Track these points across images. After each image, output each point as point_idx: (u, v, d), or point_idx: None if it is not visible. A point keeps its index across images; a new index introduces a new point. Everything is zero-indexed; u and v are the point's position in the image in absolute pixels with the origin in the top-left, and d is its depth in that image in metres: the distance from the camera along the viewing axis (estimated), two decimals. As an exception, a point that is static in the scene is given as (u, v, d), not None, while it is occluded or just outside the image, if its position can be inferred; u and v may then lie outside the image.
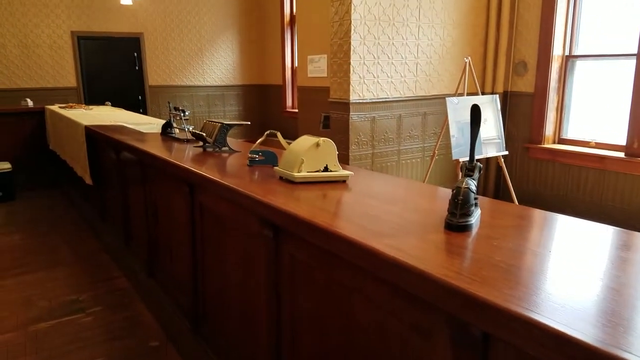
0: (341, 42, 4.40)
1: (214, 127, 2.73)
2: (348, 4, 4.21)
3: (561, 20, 4.60)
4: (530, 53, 4.85)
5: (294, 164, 1.83)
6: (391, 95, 4.66)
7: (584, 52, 4.69)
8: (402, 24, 4.53)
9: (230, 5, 8.85)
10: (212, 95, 8.99)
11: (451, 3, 4.77)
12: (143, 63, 8.13)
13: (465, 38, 4.99)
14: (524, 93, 4.97)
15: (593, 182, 4.51)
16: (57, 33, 7.33)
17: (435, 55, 4.83)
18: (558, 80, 4.75)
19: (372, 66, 4.46)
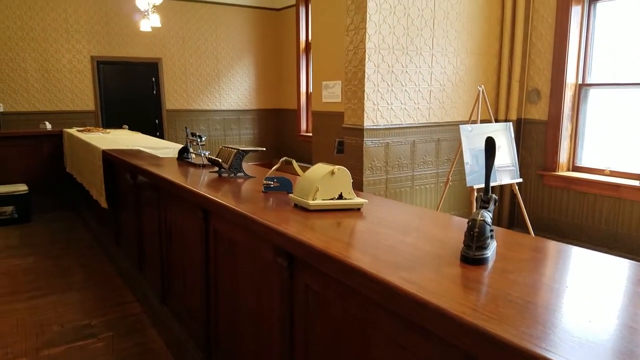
0: (355, 70, 4.46)
1: (230, 153, 2.77)
2: (362, 33, 4.29)
3: (574, 49, 4.63)
4: (543, 81, 4.87)
5: (309, 192, 1.85)
6: (405, 121, 4.68)
7: (598, 81, 4.69)
8: (416, 53, 4.59)
9: (247, 32, 9.07)
10: (228, 119, 9.13)
11: (464, 32, 4.83)
12: (161, 87, 8.32)
13: (479, 66, 5.02)
14: (538, 121, 4.96)
15: (608, 210, 4.45)
16: (77, 58, 7.55)
17: (448, 83, 4.87)
18: (572, 108, 4.74)
19: (386, 93, 4.51)
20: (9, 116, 7.17)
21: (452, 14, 4.71)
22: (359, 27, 4.34)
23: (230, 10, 8.81)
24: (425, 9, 4.54)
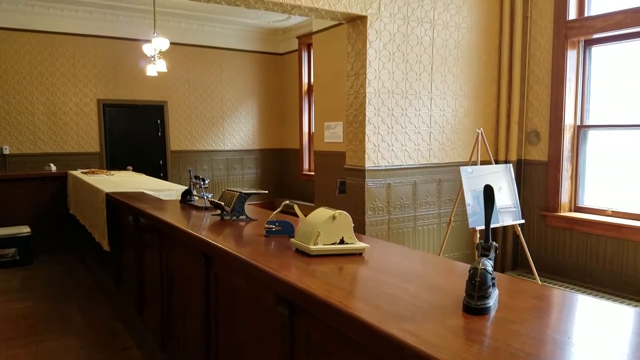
0: (356, 113, 4.55)
1: (233, 196, 2.79)
2: (362, 79, 4.40)
3: (571, 92, 4.72)
4: (542, 123, 4.94)
5: (310, 237, 1.86)
6: (406, 162, 4.73)
7: (596, 122, 4.76)
8: (415, 96, 4.69)
9: (251, 75, 9.29)
10: (232, 159, 9.22)
11: (462, 76, 4.95)
12: (166, 129, 8.45)
13: (478, 108, 5.12)
14: (538, 161, 5.00)
15: (612, 251, 4.41)
16: (84, 101, 7.72)
17: (447, 125, 4.94)
18: (571, 149, 4.79)
19: (387, 135, 4.58)
20: (14, 158, 7.26)
21: (450, 59, 4.84)
22: (359, 72, 4.46)
23: (236, 55, 9.07)
24: (424, 55, 4.67)
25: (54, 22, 7.40)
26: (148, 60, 6.44)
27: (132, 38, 7.79)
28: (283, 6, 3.98)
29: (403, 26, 4.51)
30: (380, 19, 4.36)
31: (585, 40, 4.64)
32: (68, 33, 7.50)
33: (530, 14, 4.94)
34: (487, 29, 5.05)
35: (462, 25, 4.86)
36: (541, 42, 4.87)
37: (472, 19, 4.92)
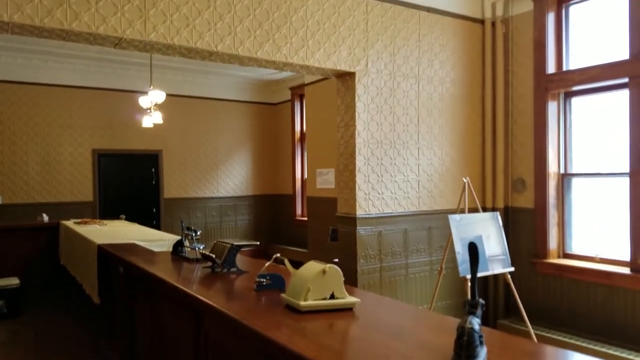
0: (347, 162, 4.66)
1: (224, 248, 2.84)
2: (352, 130, 4.54)
3: (554, 140, 4.88)
4: (527, 171, 5.08)
5: (301, 292, 1.89)
6: (396, 210, 4.81)
7: (579, 170, 4.90)
8: (403, 146, 4.83)
9: (245, 124, 9.51)
10: (225, 206, 9.27)
11: (447, 127, 5.12)
12: (160, 177, 8.53)
13: (464, 157, 5.26)
14: (525, 209, 5.10)
15: (602, 298, 4.44)
16: (79, 151, 7.82)
17: (435, 173, 5.06)
18: (556, 196, 4.91)
19: (377, 183, 4.68)
20: (7, 208, 7.26)
21: (435, 111, 5.03)
22: (349, 124, 4.61)
23: (231, 105, 9.31)
24: (410, 107, 4.85)
25: (52, 74, 7.60)
26: (144, 112, 6.60)
27: (129, 90, 8.00)
28: (275, 64, 4.16)
29: (390, 81, 4.71)
30: (367, 74, 4.56)
31: (565, 92, 4.85)
32: (66, 85, 7.70)
33: (512, 68, 5.18)
34: (470, 82, 5.28)
35: (446, 80, 5.08)
36: (523, 94, 5.08)
37: (456, 73, 5.15)
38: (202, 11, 3.57)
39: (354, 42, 4.45)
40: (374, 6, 4.54)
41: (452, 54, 5.11)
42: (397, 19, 4.71)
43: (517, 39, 5.11)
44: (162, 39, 3.41)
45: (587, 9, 4.76)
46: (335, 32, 4.33)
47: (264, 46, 3.95)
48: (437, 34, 4.98)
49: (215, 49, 3.65)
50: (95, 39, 3.28)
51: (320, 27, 4.24)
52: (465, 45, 5.21)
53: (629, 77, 4.18)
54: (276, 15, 3.99)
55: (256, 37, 3.90)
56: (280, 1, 3.99)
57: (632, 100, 4.16)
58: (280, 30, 4.01)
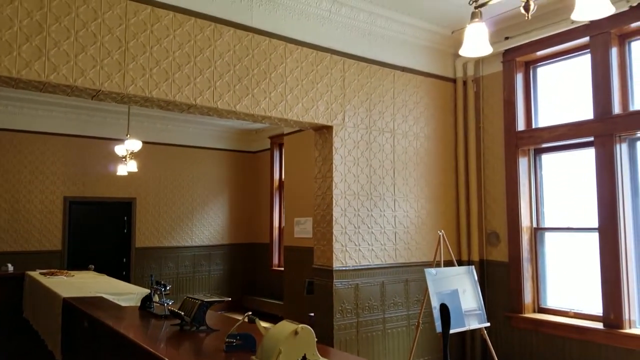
0: (324, 214, 4.66)
1: (194, 304, 2.75)
2: (329, 181, 4.58)
3: (525, 196, 5.00)
4: (500, 224, 5.16)
5: (271, 355, 1.84)
6: (373, 262, 4.79)
7: (551, 225, 5.00)
8: (380, 198, 4.88)
9: (223, 172, 9.49)
10: (199, 255, 9.07)
11: (423, 180, 5.21)
12: (132, 226, 8.35)
13: (439, 210, 5.33)
14: (500, 262, 5.14)
15: (578, 353, 4.42)
16: (50, 198, 7.63)
17: (412, 225, 5.10)
18: (530, 250, 4.97)
19: (354, 235, 4.68)
20: (-30, 257, 6.95)
21: (410, 164, 5.13)
22: (326, 176, 4.65)
23: (209, 153, 9.31)
24: (386, 161, 4.94)
25: (27, 121, 7.53)
26: (119, 160, 6.54)
27: (105, 137, 7.95)
28: (254, 117, 4.23)
29: (366, 135, 4.82)
30: (344, 128, 4.66)
31: (535, 149, 5.02)
32: (41, 132, 7.61)
33: (483, 125, 5.36)
34: (444, 138, 5.43)
35: (420, 135, 5.22)
36: (494, 150, 5.24)
37: (429, 129, 5.30)
38: (182, 66, 3.64)
39: (331, 97, 4.57)
40: (350, 65, 4.71)
41: (426, 110, 5.28)
42: (373, 77, 4.88)
43: (488, 98, 5.32)
44: (140, 92, 3.44)
45: (553, 70, 5.02)
46: (313, 87, 4.45)
47: (243, 100, 4.02)
48: (411, 92, 5.17)
49: (194, 102, 3.70)
50: (73, 91, 3.30)
51: (299, 83, 4.35)
52: (438, 103, 5.40)
53: (594, 136, 4.36)
54: (256, 72, 4.09)
55: (235, 92, 3.97)
56: (260, 58, 4.11)
57: (598, 159, 4.33)
58: (259, 85, 4.10)
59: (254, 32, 4.09)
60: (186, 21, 3.68)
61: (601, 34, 4.26)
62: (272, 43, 4.18)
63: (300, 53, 4.37)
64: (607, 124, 4.26)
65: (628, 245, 4.22)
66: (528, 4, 1.94)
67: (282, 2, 4.23)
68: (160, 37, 3.55)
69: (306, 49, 4.40)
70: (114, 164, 7.35)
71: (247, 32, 4.05)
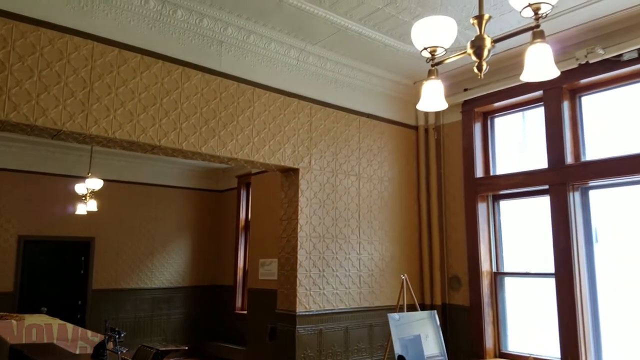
0: (288, 256, 4.64)
1: (148, 354, 2.66)
2: (295, 223, 4.59)
3: (485, 240, 5.12)
4: (461, 269, 5.24)
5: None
6: (337, 306, 4.75)
7: (510, 269, 5.12)
8: (345, 241, 4.90)
9: (187, 211, 9.30)
10: (158, 298, 8.74)
11: (387, 223, 5.28)
12: (90, 266, 8.03)
13: (402, 254, 5.38)
14: (461, 306, 5.19)
15: (540, 400, 4.45)
16: (3, 237, 7.29)
17: (376, 268, 5.12)
18: (490, 295, 5.05)
19: (318, 278, 4.65)
20: None
21: (375, 207, 5.20)
22: (292, 217, 4.66)
23: (173, 191, 9.14)
24: (351, 203, 5.00)
25: (-17, 157, 7.26)
26: (79, 199, 6.37)
27: (65, 174, 7.71)
28: (220, 158, 4.24)
29: (332, 178, 4.88)
30: (311, 171, 4.71)
31: (493, 195, 5.19)
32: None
33: (444, 171, 5.53)
34: (407, 182, 5.56)
35: (384, 178, 5.33)
36: (454, 195, 5.39)
37: (393, 173, 5.43)
38: (147, 107, 3.65)
39: (298, 140, 4.64)
40: (317, 110, 4.83)
41: (390, 155, 5.42)
42: (339, 122, 5.01)
43: (448, 145, 5.52)
44: (103, 133, 3.41)
45: (509, 120, 5.27)
46: (280, 131, 4.51)
47: (209, 142, 4.03)
48: (375, 137, 5.31)
49: (158, 143, 3.68)
50: (33, 130, 3.24)
51: (266, 127, 4.41)
52: (402, 148, 5.56)
53: (549, 185, 4.56)
54: (223, 114, 4.13)
55: (202, 133, 3.99)
56: (228, 101, 4.16)
57: (553, 206, 4.51)
58: (226, 127, 4.14)
59: (223, 77, 4.16)
60: (154, 64, 3.71)
61: (554, 89, 4.53)
62: (240, 87, 4.26)
63: (268, 97, 4.45)
64: (561, 173, 4.47)
65: (583, 290, 4.34)
66: (480, 64, 2.06)
67: (251, 49, 4.34)
68: (127, 78, 3.56)
69: (274, 93, 4.50)
70: (73, 202, 7.12)
71: (216, 76, 4.12)
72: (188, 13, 3.89)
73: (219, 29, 4.09)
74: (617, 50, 4.04)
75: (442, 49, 2.24)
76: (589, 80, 4.39)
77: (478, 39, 2.04)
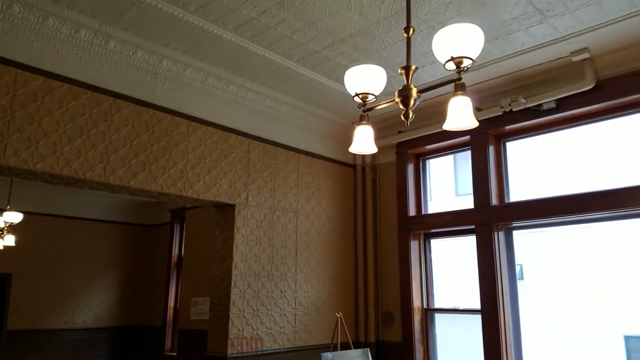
0: (221, 296, 4.49)
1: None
2: (229, 262, 4.47)
3: (416, 277, 5.22)
4: (395, 305, 5.29)
5: None
6: (271, 347, 4.62)
7: (440, 305, 5.24)
8: (281, 279, 4.82)
9: (114, 247, 8.81)
10: (79, 339, 8.12)
11: (324, 260, 5.27)
12: (5, 305, 7.34)
13: (339, 290, 5.37)
14: (394, 343, 5.21)
15: None
16: None
17: (312, 306, 5.06)
18: (421, 330, 5.12)
19: (252, 318, 4.52)
20: None
21: (312, 244, 5.19)
22: (226, 255, 4.53)
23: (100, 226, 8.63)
24: (289, 240, 4.96)
25: None
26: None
27: (-19, 205, 7.13)
28: (150, 193, 4.08)
29: (270, 214, 4.84)
30: (248, 207, 4.65)
31: (424, 233, 5.35)
32: None
33: (379, 209, 5.64)
34: (345, 220, 5.61)
35: (322, 215, 5.35)
36: (389, 233, 5.49)
37: (331, 210, 5.47)
38: (73, 139, 3.47)
39: (235, 176, 4.58)
40: (256, 146, 4.81)
41: (328, 193, 5.47)
42: (278, 159, 5.01)
43: (384, 184, 5.66)
44: (23, 165, 3.20)
45: (440, 162, 5.52)
46: (216, 166, 4.44)
47: (138, 176, 3.88)
48: (314, 175, 5.35)
49: (82, 177, 3.50)
50: (-60, 160, 2.98)
51: (202, 161, 4.32)
52: (340, 186, 5.63)
53: (475, 225, 4.77)
54: (155, 147, 4.01)
55: (130, 167, 3.84)
56: (160, 135, 4.05)
57: (479, 245, 4.71)
58: (158, 161, 4.01)
59: (156, 109, 4.06)
60: (82, 94, 3.57)
61: (480, 134, 4.79)
62: (175, 120, 4.17)
63: (204, 132, 4.38)
64: (486, 214, 4.69)
65: (507, 325, 4.51)
66: (407, 113, 2.15)
67: (187, 82, 4.28)
68: (52, 108, 3.39)
69: (211, 128, 4.44)
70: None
71: (149, 108, 4.02)
72: (121, 44, 3.79)
73: (154, 61, 4.02)
74: (537, 100, 4.36)
75: (373, 96, 2.33)
76: (513, 127, 4.69)
77: (405, 89, 2.13)
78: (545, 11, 3.52)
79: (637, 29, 3.73)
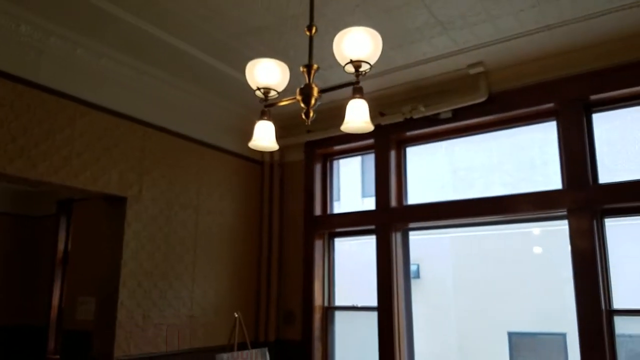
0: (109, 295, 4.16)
1: None
2: (118, 260, 4.15)
3: (319, 276, 5.26)
4: (296, 304, 5.28)
5: None
6: (162, 349, 4.37)
7: (340, 304, 5.32)
8: (177, 278, 4.58)
9: (-11, 239, 7.87)
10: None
11: (226, 257, 5.10)
12: None
13: (241, 289, 5.23)
14: (294, 341, 5.20)
15: None
16: None
17: (210, 306, 4.87)
18: (321, 329, 5.16)
19: (142, 320, 4.25)
20: None
21: (215, 241, 4.98)
22: (115, 251, 4.20)
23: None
24: (188, 237, 4.72)
25: None
26: None
27: None
28: (28, 181, 3.67)
29: (166, 209, 4.56)
30: (141, 201, 4.34)
31: (329, 233, 5.39)
32: None
33: (286, 207, 5.58)
34: (250, 216, 5.47)
35: (226, 211, 5.17)
36: (295, 232, 5.46)
37: (235, 207, 5.29)
38: None
39: (127, 166, 4.25)
40: (152, 134, 4.49)
41: (233, 188, 5.29)
42: (178, 149, 4.74)
43: (291, 182, 5.61)
44: None
45: (349, 164, 5.60)
46: (106, 154, 4.08)
47: (15, 162, 3.46)
48: (218, 169, 5.14)
49: (-57, 161, 3.03)
50: None
51: (89, 148, 3.95)
52: (245, 183, 5.47)
53: (376, 225, 4.90)
54: (36, 131, 3.60)
55: (7, 151, 3.42)
56: (43, 117, 3.64)
57: (378, 245, 4.85)
58: (38, 146, 3.60)
59: (40, 89, 3.64)
60: (-53, 67, 3.09)
61: (383, 138, 4.92)
62: (60, 102, 3.76)
63: (94, 116, 4.00)
64: (386, 215, 4.84)
65: (401, 323, 4.69)
66: (308, 111, 2.10)
67: (77, 62, 3.88)
68: None
69: (102, 113, 4.07)
70: None
71: (31, 87, 3.59)
72: (3, 16, 3.36)
73: (40, 37, 3.59)
74: (436, 109, 4.58)
75: (275, 92, 2.25)
76: (413, 133, 4.88)
77: (306, 87, 2.09)
78: (446, 24, 3.68)
79: (526, 49, 4.04)
